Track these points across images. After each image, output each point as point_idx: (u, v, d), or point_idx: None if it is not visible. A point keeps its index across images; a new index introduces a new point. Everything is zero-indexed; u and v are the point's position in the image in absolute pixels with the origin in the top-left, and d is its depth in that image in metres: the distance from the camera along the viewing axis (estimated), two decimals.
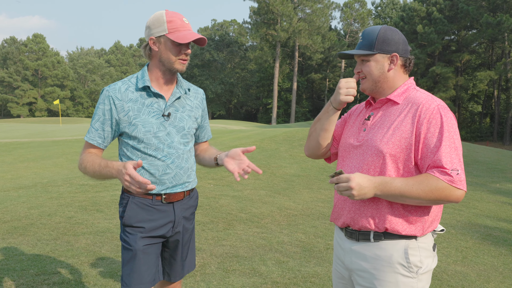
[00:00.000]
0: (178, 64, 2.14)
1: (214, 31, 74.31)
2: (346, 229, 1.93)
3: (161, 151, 2.16)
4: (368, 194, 1.71)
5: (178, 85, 2.25)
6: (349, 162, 1.94)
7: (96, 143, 2.17)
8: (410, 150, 1.75)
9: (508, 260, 4.98)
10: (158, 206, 2.19)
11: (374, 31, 1.90)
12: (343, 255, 1.96)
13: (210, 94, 66.80)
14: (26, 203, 6.26)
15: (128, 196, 2.20)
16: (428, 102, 1.78)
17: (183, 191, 2.25)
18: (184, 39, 2.06)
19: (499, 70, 40.46)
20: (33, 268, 3.88)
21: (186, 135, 2.25)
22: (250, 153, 12.49)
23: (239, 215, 6.14)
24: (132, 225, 2.17)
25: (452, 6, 44.33)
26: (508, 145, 40.71)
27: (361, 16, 60.28)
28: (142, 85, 2.14)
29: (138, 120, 2.12)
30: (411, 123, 1.76)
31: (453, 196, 1.69)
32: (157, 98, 2.17)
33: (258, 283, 3.84)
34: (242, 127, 34.42)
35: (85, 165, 2.12)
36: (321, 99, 67.71)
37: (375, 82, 1.91)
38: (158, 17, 2.11)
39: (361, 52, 1.88)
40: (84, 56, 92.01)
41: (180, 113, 2.23)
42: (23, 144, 17.01)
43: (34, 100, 73.15)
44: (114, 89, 2.13)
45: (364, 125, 1.94)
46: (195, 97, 2.35)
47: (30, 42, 74.56)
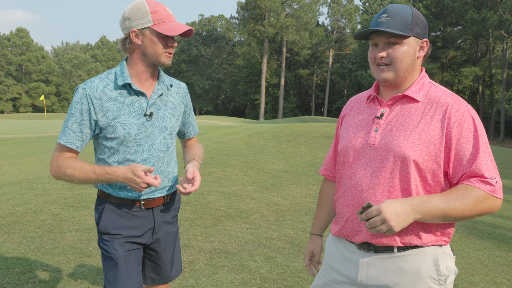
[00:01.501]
0: (165, 57, 1.97)
1: (201, 26, 73.94)
2: (362, 244, 1.67)
3: (140, 154, 2.01)
4: (407, 220, 1.46)
5: (160, 81, 2.08)
6: (360, 168, 1.66)
7: (75, 147, 1.98)
8: (440, 158, 1.54)
9: (492, 253, 5.06)
10: (136, 212, 2.06)
11: (407, 9, 1.59)
12: (353, 269, 1.68)
13: (198, 89, 66.57)
14: (10, 200, 6.17)
15: (105, 202, 2.07)
16: (457, 104, 1.57)
17: (163, 195, 2.12)
18: (173, 31, 1.90)
19: (484, 66, 41.00)
20: (18, 267, 3.83)
21: (169, 135, 2.10)
22: (238, 149, 12.49)
23: (228, 211, 6.14)
24: (109, 232, 2.05)
25: (438, 3, 44.72)
26: (492, 140, 41.33)
27: (349, 12, 60.53)
28: (122, 82, 1.95)
29: (118, 121, 1.95)
30: (440, 126, 1.55)
31: (495, 206, 1.52)
32: (138, 96, 2.00)
33: (247, 279, 3.84)
34: (230, 123, 34.38)
35: (72, 173, 1.94)
36: (309, 95, 67.90)
37: (403, 71, 1.61)
38: (139, 7, 1.91)
39: (397, 31, 1.55)
40: (70, 51, 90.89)
41: (163, 112, 2.07)
42: (7, 141, 16.76)
43: (18, 96, 72.06)
44: (92, 87, 1.94)
45: (376, 124, 1.66)
46: (177, 93, 2.17)
47: (14, 37, 73.39)
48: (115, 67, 2.04)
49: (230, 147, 12.92)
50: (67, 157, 2.00)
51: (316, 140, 14.98)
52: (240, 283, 3.76)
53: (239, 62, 70.20)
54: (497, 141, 40.47)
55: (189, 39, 69.27)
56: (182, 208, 6.05)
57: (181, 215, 5.65)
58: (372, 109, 1.73)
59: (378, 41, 1.62)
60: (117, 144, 1.98)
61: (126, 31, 1.95)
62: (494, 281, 4.20)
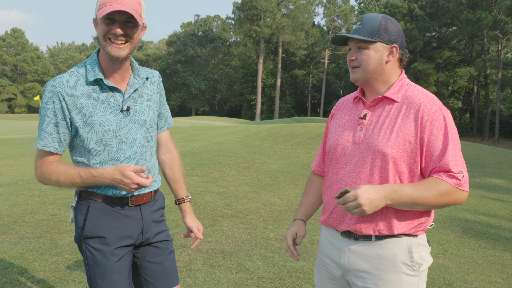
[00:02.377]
0: (111, 47, 1.76)
1: (197, 27, 73.89)
2: (344, 232, 1.83)
3: (123, 152, 1.89)
4: (379, 205, 1.63)
5: (134, 74, 1.95)
6: (344, 164, 1.82)
7: (54, 149, 1.85)
8: (416, 154, 1.69)
9: (487, 252, 5.11)
10: (123, 210, 1.93)
11: (376, 17, 1.77)
12: (338, 254, 1.86)
13: (194, 90, 66.51)
14: (7, 201, 6.17)
15: (89, 201, 1.90)
16: (430, 103, 1.70)
17: (150, 191, 2.00)
18: (102, 13, 1.70)
19: (479, 67, 41.23)
20: (16, 267, 3.84)
21: (149, 129, 1.99)
22: (234, 149, 12.51)
23: (224, 211, 6.16)
24: (95, 235, 1.88)
25: (433, 3, 44.95)
26: (487, 140, 41.55)
27: (344, 12, 60.62)
28: (94, 77, 1.82)
29: (95, 118, 1.82)
30: (414, 125, 1.69)
31: (460, 199, 1.67)
32: (112, 92, 1.87)
33: (244, 279, 3.87)
34: (226, 123, 34.39)
35: (57, 178, 1.82)
36: (305, 95, 67.99)
37: (370, 73, 1.77)
38: None
39: (362, 37, 1.74)
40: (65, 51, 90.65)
41: (139, 105, 1.94)
42: (3, 141, 16.70)
43: (13, 96, 71.77)
44: (62, 83, 1.80)
45: (360, 124, 1.81)
46: (152, 82, 2.04)
47: (9, 37, 73.10)
48: (86, 60, 1.89)
49: (227, 147, 12.94)
50: (50, 162, 1.87)
51: (312, 140, 15.03)
52: (238, 282, 3.78)
53: (235, 62, 70.20)
54: (492, 141, 40.68)
55: (185, 39, 69.20)
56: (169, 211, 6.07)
57: (178, 215, 5.67)
58: (358, 109, 1.88)
59: (351, 45, 1.81)
60: (97, 144, 1.84)
61: None
62: (488, 280, 4.24)
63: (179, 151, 2.31)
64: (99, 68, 1.84)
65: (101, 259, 1.87)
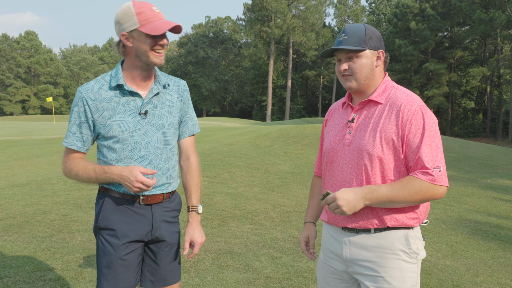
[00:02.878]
0: (155, 57, 1.99)
1: (208, 28, 74.18)
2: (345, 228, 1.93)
3: (137, 151, 2.03)
4: (358, 206, 1.75)
5: (156, 81, 2.11)
6: (337, 166, 1.93)
7: (76, 148, 2.05)
8: (399, 152, 1.79)
9: (497, 254, 5.08)
10: (135, 208, 2.07)
11: (360, 27, 1.87)
12: (339, 247, 1.95)
13: (205, 91, 66.76)
14: (21, 201, 6.28)
15: (105, 195, 2.09)
16: (410, 103, 1.80)
17: (162, 193, 2.11)
18: (157, 30, 1.93)
19: (492, 66, 40.74)
20: (29, 265, 3.93)
21: (167, 133, 2.11)
22: (244, 150, 12.56)
23: (233, 212, 6.21)
24: (107, 227, 2.05)
25: (445, 3, 44.55)
26: (501, 141, 41.04)
27: (355, 12, 60.44)
28: (116, 83, 2.01)
29: (113, 119, 2.01)
30: (395, 124, 1.79)
31: (437, 194, 1.76)
32: (133, 96, 2.04)
33: (251, 279, 3.90)
34: (237, 124, 34.48)
35: (76, 172, 2.02)
36: (316, 96, 67.88)
37: (364, 80, 1.87)
38: (125, 10, 1.96)
39: (354, 47, 1.83)
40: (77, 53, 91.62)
41: (159, 110, 2.09)
42: (17, 142, 16.96)
43: (27, 98, 72.78)
44: (87, 89, 2.01)
45: (349, 127, 1.93)
46: (176, 91, 2.18)
47: (23, 39, 74.13)
48: (112, 69, 2.10)
49: (237, 148, 12.99)
50: (74, 158, 2.07)
51: None
52: (245, 282, 3.82)
53: (245, 63, 70.33)
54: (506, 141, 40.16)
55: (196, 40, 69.50)
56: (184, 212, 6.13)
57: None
58: (346, 114, 2.00)
59: (341, 56, 1.90)
60: (114, 142, 2.02)
61: (118, 35, 2.01)
62: (497, 282, 4.22)
63: None
64: (122, 75, 2.04)
65: (110, 250, 2.04)
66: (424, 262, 4.61)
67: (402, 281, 1.82)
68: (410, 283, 1.84)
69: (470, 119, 52.67)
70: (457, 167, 11.92)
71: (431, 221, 6.33)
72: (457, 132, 47.31)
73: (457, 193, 8.64)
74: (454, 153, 14.42)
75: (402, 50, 44.84)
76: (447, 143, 16.78)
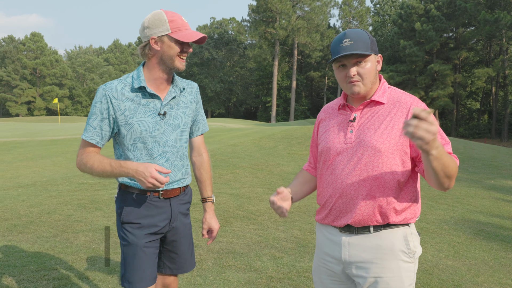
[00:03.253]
0: (179, 63, 2.16)
1: (213, 29, 74.34)
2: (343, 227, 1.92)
3: (156, 150, 2.18)
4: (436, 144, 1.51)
5: (174, 85, 2.26)
6: (338, 164, 1.92)
7: (95, 142, 2.17)
8: (406, 147, 1.82)
9: (498, 254, 5.08)
10: (155, 202, 2.23)
11: (362, 32, 1.90)
12: (338, 250, 1.94)
13: (209, 92, 66.85)
14: (25, 202, 6.35)
15: (126, 193, 2.23)
16: (416, 101, 1.88)
17: (179, 187, 2.30)
18: (189, 38, 2.10)
19: (497, 67, 40.57)
20: (33, 264, 3.98)
21: (182, 132, 2.28)
22: (248, 151, 12.59)
23: (236, 212, 6.24)
24: (130, 221, 2.20)
25: (450, 4, 44.38)
26: (506, 142, 40.84)
27: (360, 13, 60.38)
28: (138, 85, 2.14)
29: (134, 119, 2.14)
30: (403, 121, 1.83)
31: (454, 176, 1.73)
32: (152, 98, 2.18)
33: (253, 278, 3.94)
34: (241, 126, 34.52)
35: (92, 165, 2.12)
36: (320, 97, 67.83)
37: (370, 84, 1.89)
38: (158, 16, 2.11)
39: (365, 52, 1.82)
40: (83, 54, 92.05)
41: (175, 111, 2.25)
42: (22, 143, 17.08)
43: (32, 99, 73.16)
44: (111, 88, 2.14)
45: (350, 127, 1.93)
46: (190, 93, 2.35)
47: (28, 41, 74.55)
48: (133, 71, 2.23)
49: (241, 149, 13.02)
50: (90, 152, 2.18)
51: None
52: (247, 282, 3.86)
53: (250, 64, 70.37)
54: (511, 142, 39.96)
55: None
56: (192, 210, 6.17)
57: (191, 216, 5.75)
58: (345, 115, 2.00)
59: (347, 62, 1.87)
60: (135, 141, 2.16)
61: (146, 39, 2.14)
62: (498, 282, 4.23)
63: None
64: (144, 78, 2.17)
65: (133, 240, 2.20)
66: (425, 262, 4.62)
67: (400, 281, 1.85)
68: (408, 283, 1.87)
69: (475, 120, 52.41)
70: (461, 168, 11.89)
71: (434, 222, 6.34)
72: (462, 133, 47.11)
73: (460, 193, 8.63)
74: (458, 153, 14.38)
75: (407, 51, 44.72)
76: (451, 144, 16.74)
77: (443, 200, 7.94)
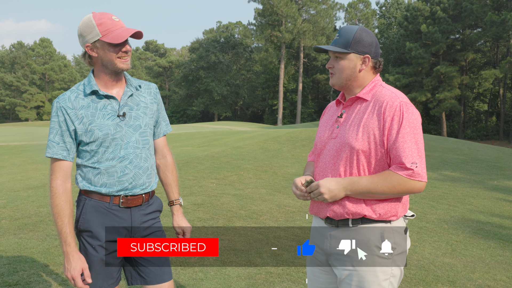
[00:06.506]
0: (121, 63, 2.09)
1: (219, 33, 74.67)
2: (326, 219, 2.04)
3: (118, 152, 2.12)
4: (339, 195, 1.90)
5: (128, 84, 2.21)
6: (323, 157, 2.05)
7: (62, 157, 2.10)
8: (381, 146, 1.88)
9: (495, 252, 5.18)
10: (114, 211, 2.14)
11: (351, 30, 1.96)
12: (322, 240, 2.05)
13: (216, 96, 67.11)
14: (35, 202, 6.55)
15: (85, 198, 2.16)
16: (392, 99, 1.89)
17: (142, 193, 2.19)
18: (119, 39, 2.03)
19: (504, 69, 40.36)
20: (42, 260, 4.17)
21: (144, 133, 2.21)
22: (253, 153, 12.74)
23: (239, 212, 6.38)
24: (87, 229, 2.12)
25: (456, 5, 44.29)
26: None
27: (366, 16, 60.43)
28: (90, 90, 2.10)
29: (94, 125, 2.08)
30: (377, 120, 1.88)
31: (415, 188, 1.85)
32: (109, 100, 2.13)
33: (253, 273, 4.08)
34: (247, 128, 34.68)
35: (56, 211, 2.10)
36: (327, 100, 67.79)
37: (344, 80, 1.99)
38: (87, 23, 2.05)
39: (336, 49, 1.95)
40: None
41: (135, 111, 2.19)
42: (32, 147, 17.37)
43: (41, 104, 73.99)
44: (64, 99, 2.09)
45: (337, 122, 2.04)
46: (149, 93, 2.29)
47: (37, 47, 75.48)
48: (84, 80, 2.19)
49: (246, 151, 13.17)
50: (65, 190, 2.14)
51: None
52: (246, 277, 4.00)
53: (256, 68, 70.60)
54: None
55: (207, 45, 69.98)
56: (195, 210, 6.33)
57: (194, 215, 5.93)
58: (338, 110, 2.13)
59: (330, 54, 2.04)
60: (97, 146, 2.10)
61: (83, 47, 2.12)
62: (493, 278, 4.33)
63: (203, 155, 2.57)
64: (95, 82, 2.13)
65: (91, 251, 2.12)
66: (422, 259, 4.74)
67: (374, 276, 1.91)
68: (383, 278, 1.92)
69: (483, 122, 52.17)
70: (464, 169, 11.95)
71: (434, 221, 6.44)
72: (470, 135, 46.91)
73: (462, 194, 8.71)
74: (462, 155, 14.42)
75: (413, 53, 44.65)
76: (455, 145, 16.78)
77: (444, 200, 8.03)
